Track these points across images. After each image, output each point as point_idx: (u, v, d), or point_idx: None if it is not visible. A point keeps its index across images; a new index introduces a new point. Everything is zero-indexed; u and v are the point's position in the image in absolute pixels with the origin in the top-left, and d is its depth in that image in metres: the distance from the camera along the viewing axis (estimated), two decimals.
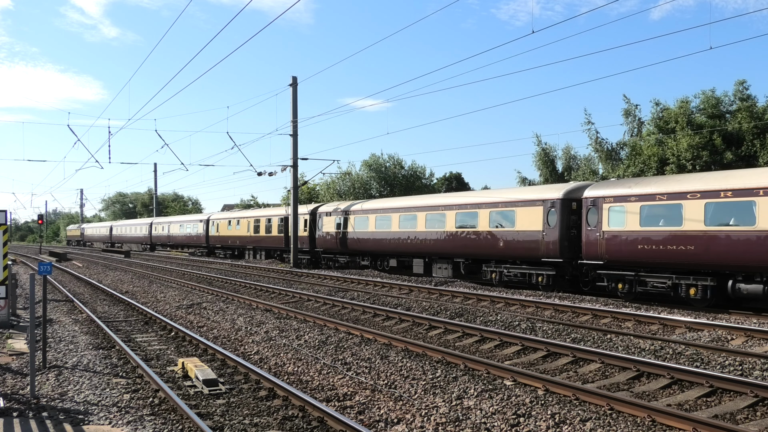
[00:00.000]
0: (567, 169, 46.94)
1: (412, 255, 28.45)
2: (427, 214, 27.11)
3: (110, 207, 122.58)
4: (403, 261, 29.53)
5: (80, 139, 37.32)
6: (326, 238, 35.37)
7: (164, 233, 66.13)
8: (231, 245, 50.07)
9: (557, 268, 21.57)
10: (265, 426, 8.07)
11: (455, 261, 25.90)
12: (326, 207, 36.48)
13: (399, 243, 28.94)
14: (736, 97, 37.07)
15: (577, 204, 21.14)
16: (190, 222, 59.45)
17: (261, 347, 13.06)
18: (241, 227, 47.31)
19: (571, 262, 21.24)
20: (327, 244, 35.43)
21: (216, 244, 52.81)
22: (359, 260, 32.98)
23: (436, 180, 62.64)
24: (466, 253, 25.27)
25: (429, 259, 27.49)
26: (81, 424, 8.21)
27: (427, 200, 28.43)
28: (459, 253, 25.57)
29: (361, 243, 31.99)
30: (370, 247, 31.27)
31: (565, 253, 21.16)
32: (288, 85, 37.23)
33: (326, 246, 35.46)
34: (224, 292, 22.98)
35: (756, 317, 15.69)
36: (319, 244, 36.21)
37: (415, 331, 14.93)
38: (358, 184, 56.94)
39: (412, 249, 28.16)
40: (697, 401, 8.86)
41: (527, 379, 9.79)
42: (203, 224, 55.00)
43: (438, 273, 26.80)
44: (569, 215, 21.24)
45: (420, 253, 27.82)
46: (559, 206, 21.34)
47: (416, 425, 7.89)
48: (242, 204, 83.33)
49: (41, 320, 12.95)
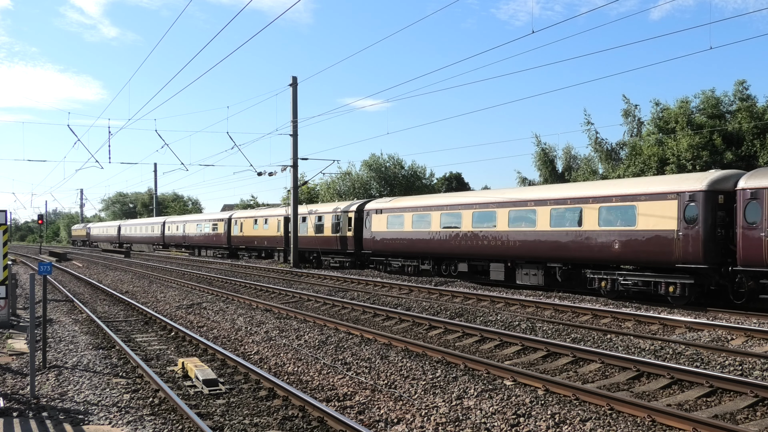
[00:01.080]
0: (567, 169, 46.92)
1: (489, 258, 24.50)
2: (510, 210, 23.30)
3: (110, 207, 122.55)
4: (476, 265, 25.65)
5: (80, 139, 37.35)
6: (376, 239, 30.95)
7: (179, 233, 61.85)
8: (258, 246, 45.72)
9: (697, 276, 17.72)
10: (265, 426, 8.07)
11: (548, 266, 22.09)
12: (377, 203, 32.19)
13: (471, 244, 24.99)
14: (736, 97, 37.06)
15: (725, 197, 17.60)
16: (209, 221, 54.99)
17: (261, 347, 13.06)
18: (271, 227, 42.92)
19: (719, 269, 17.54)
20: (377, 246, 30.90)
21: (239, 244, 48.75)
22: (419, 264, 28.78)
23: (436, 180, 62.65)
24: (563, 257, 21.29)
25: (511, 263, 23.56)
26: (81, 424, 8.21)
27: (508, 194, 24.43)
28: (554, 257, 21.59)
29: (420, 244, 27.77)
30: (433, 249, 27.11)
31: (710, 257, 17.38)
32: (288, 85, 37.25)
33: (376, 247, 31.01)
34: (224, 292, 22.99)
35: (756, 317, 15.69)
36: (367, 246, 31.72)
37: (415, 331, 14.93)
38: (358, 184, 56.95)
39: (488, 251, 24.28)
40: (697, 401, 8.86)
41: (527, 379, 9.79)
42: (224, 223, 50.90)
43: (524, 280, 22.90)
44: (715, 210, 17.58)
45: (500, 257, 23.85)
46: (702, 199, 17.54)
47: (416, 425, 7.89)
48: (242, 204, 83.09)
49: (41, 320, 12.96)
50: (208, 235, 54.30)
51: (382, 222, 30.57)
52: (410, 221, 28.51)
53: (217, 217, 54.13)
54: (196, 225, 57.47)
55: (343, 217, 34.31)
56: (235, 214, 50.79)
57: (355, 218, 33.27)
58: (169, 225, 65.17)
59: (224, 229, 50.76)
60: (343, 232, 34.34)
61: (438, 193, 35.93)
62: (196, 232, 57.18)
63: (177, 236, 62.25)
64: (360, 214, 33.08)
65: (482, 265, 25.24)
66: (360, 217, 33.01)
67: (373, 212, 31.43)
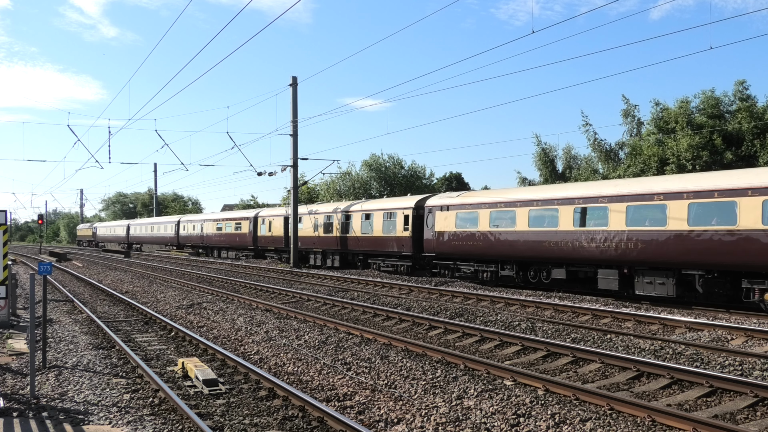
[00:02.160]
0: (567, 168, 46.95)
1: (596, 263, 20.36)
2: (629, 206, 19.30)
3: (110, 207, 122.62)
4: (577, 271, 21.49)
5: (80, 139, 37.37)
6: (441, 240, 26.67)
7: (196, 233, 57.44)
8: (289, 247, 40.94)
9: None
10: (265, 426, 8.07)
11: (683, 273, 18.12)
12: (441, 198, 27.91)
13: (572, 247, 20.72)
14: (736, 97, 37.11)
15: None
16: (231, 220, 50.81)
17: (261, 347, 13.06)
18: (306, 226, 38.51)
19: None
20: (443, 247, 26.64)
21: (267, 245, 44.82)
22: (498, 269, 24.39)
23: (436, 180, 62.68)
24: (709, 262, 17.38)
25: (629, 269, 19.54)
26: (81, 424, 8.21)
27: (627, 186, 20.04)
28: (693, 262, 17.67)
29: (501, 246, 23.65)
30: (519, 252, 22.95)
31: None
32: (288, 85, 37.26)
33: (441, 249, 26.79)
34: (224, 292, 22.99)
35: (756, 317, 15.69)
36: (429, 247, 27.55)
37: (415, 331, 14.93)
38: (358, 184, 56.99)
39: (596, 255, 20.04)
40: (697, 401, 8.86)
41: (527, 379, 9.79)
42: (249, 222, 46.70)
43: (646, 290, 18.89)
44: None
45: (612, 261, 19.69)
46: None
47: (416, 425, 7.89)
48: (242, 204, 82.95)
49: (41, 320, 12.96)
50: (230, 235, 50.20)
51: (449, 220, 26.32)
52: (486, 219, 24.30)
53: (240, 215, 50.21)
54: (216, 224, 53.38)
55: (398, 214, 30.09)
56: (262, 212, 46.99)
57: (413, 216, 29.10)
58: (184, 224, 61.07)
59: (249, 229, 46.79)
60: (396, 231, 30.11)
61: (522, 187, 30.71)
62: (216, 232, 53.08)
63: (194, 236, 58.24)
64: (419, 211, 28.93)
65: (586, 272, 21.12)
66: (419, 215, 28.85)
67: (436, 209, 27.13)
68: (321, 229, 36.77)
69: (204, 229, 55.57)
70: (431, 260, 28.12)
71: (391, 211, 30.83)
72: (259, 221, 45.67)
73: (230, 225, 50.40)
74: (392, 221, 30.44)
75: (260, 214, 46.11)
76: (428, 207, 28.02)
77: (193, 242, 58.59)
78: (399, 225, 29.88)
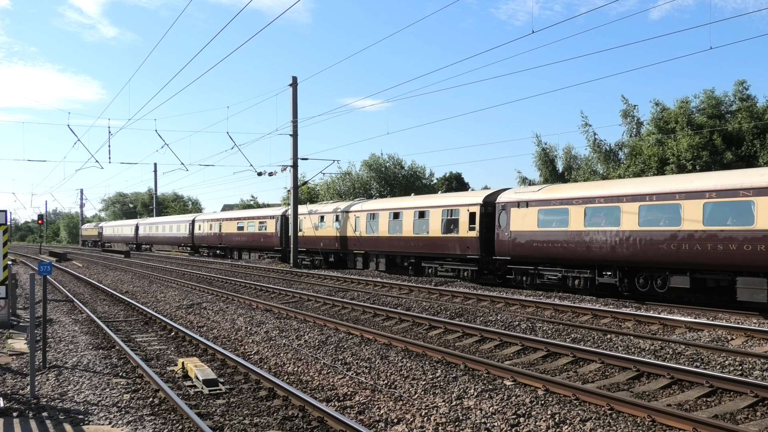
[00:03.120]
0: (567, 169, 46.94)
1: (734, 269, 16.96)
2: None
3: (110, 207, 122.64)
4: (704, 279, 17.98)
5: (80, 139, 37.36)
6: (518, 241, 23.04)
7: (213, 232, 53.13)
8: (326, 249, 36.98)
9: None
10: (265, 426, 8.07)
11: None
12: (517, 193, 24.19)
13: (700, 249, 17.43)
14: (736, 97, 37.09)
15: None
16: (254, 218, 46.34)
17: (261, 347, 13.06)
18: (345, 225, 34.80)
19: None
20: (520, 250, 23.03)
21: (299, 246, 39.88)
22: (594, 275, 20.67)
23: (436, 180, 62.72)
24: None
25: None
26: (81, 424, 8.21)
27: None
28: None
29: (599, 248, 20.05)
30: (623, 255, 19.41)
31: None
32: (288, 85, 37.27)
33: (518, 252, 23.20)
34: (224, 292, 22.99)
35: (756, 317, 15.69)
36: (502, 250, 23.85)
37: (415, 331, 14.93)
38: (358, 184, 57.01)
39: (736, 259, 16.71)
40: (697, 401, 8.86)
41: (527, 379, 9.79)
42: (276, 221, 42.74)
43: None
44: None
45: (758, 267, 16.34)
46: None
47: (416, 425, 7.89)
48: (242, 204, 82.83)
49: (41, 320, 12.96)
50: (254, 235, 45.95)
51: (529, 218, 22.66)
52: (580, 216, 20.74)
53: (266, 213, 45.74)
54: (237, 223, 49.11)
55: (461, 212, 26.33)
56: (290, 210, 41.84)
57: (480, 213, 25.38)
58: (200, 223, 56.53)
59: (276, 228, 42.58)
60: (459, 231, 26.20)
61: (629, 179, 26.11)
62: (237, 232, 48.90)
63: (211, 236, 53.78)
64: (489, 207, 25.26)
65: (718, 279, 17.70)
66: (489, 212, 25.23)
67: (512, 206, 23.50)
68: (362, 229, 32.82)
69: (222, 229, 51.44)
70: (504, 265, 24.18)
71: (453, 208, 26.83)
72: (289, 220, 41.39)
73: (253, 224, 46.12)
74: (454, 220, 26.56)
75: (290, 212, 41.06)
76: (501, 203, 24.17)
77: (210, 242, 54.47)
78: (463, 224, 26.06)
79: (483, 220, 25.34)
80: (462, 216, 26.27)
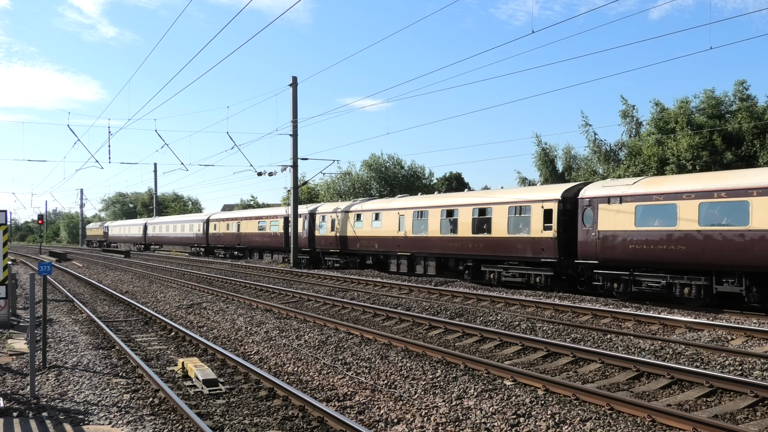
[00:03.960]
0: (567, 169, 46.95)
1: None
2: None
3: (110, 207, 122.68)
4: None
5: (80, 139, 37.35)
6: (609, 242, 19.72)
7: (231, 232, 49.70)
8: (362, 250, 33.54)
9: None
10: (265, 426, 8.07)
11: None
12: (606, 188, 20.48)
13: None
14: (736, 97, 37.09)
15: None
16: (278, 217, 42.76)
17: (261, 347, 13.06)
18: (387, 224, 31.20)
19: None
20: (612, 253, 19.67)
21: (327, 248, 37.04)
22: (711, 283, 17.49)
23: (436, 180, 62.75)
24: None
25: None
26: (81, 424, 8.21)
27: None
28: None
29: (718, 251, 17.06)
30: (752, 260, 16.44)
31: None
32: (288, 85, 37.27)
33: (608, 255, 19.76)
34: (224, 292, 22.99)
35: (756, 317, 15.69)
36: (587, 252, 20.41)
37: (415, 331, 14.93)
38: (358, 184, 57.04)
39: None
40: (697, 401, 8.86)
41: (527, 379, 9.79)
42: (304, 220, 39.08)
43: None
44: None
45: None
46: None
47: (416, 425, 7.89)
48: (242, 204, 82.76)
49: (41, 320, 12.96)
50: (276, 236, 42.52)
51: (624, 216, 19.46)
52: (692, 213, 17.69)
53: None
54: (258, 222, 45.43)
55: (533, 209, 22.85)
56: (320, 207, 38.73)
57: (558, 211, 21.92)
58: (215, 223, 52.95)
59: (304, 228, 39.07)
60: (531, 231, 22.83)
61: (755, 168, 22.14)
62: (258, 232, 45.26)
63: (228, 236, 50.34)
64: (569, 204, 21.89)
65: None
66: (569, 209, 21.83)
67: (600, 201, 20.21)
68: (409, 229, 29.45)
69: (241, 228, 47.82)
70: (589, 270, 20.83)
71: (522, 205, 23.47)
72: (318, 218, 37.88)
73: (276, 223, 42.59)
74: (524, 218, 23.15)
75: (319, 211, 38.11)
76: (585, 199, 20.81)
77: (227, 243, 50.75)
78: (535, 223, 22.64)
79: (562, 218, 21.87)
80: (534, 213, 22.82)
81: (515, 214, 23.68)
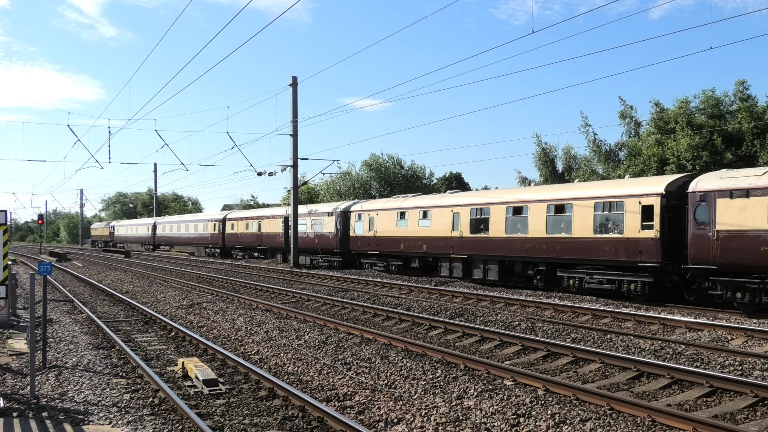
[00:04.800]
0: (567, 169, 46.96)
1: None
2: None
3: (110, 207, 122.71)
4: None
5: (80, 139, 37.33)
6: (730, 244, 16.79)
7: (250, 232, 46.77)
8: (407, 252, 30.18)
9: None
10: (265, 426, 8.07)
11: None
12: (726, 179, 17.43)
13: None
14: (736, 97, 37.09)
15: None
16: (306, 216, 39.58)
17: (261, 347, 13.06)
18: (437, 223, 27.97)
19: None
20: (735, 256, 16.70)
21: (362, 248, 33.77)
22: None
23: (436, 180, 62.77)
24: None
25: None
26: (81, 424, 8.21)
27: None
28: None
29: None
30: None
31: None
32: (288, 85, 37.26)
33: (730, 260, 16.84)
34: (224, 292, 22.99)
35: (756, 317, 15.68)
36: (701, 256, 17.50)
37: (415, 331, 14.93)
38: (358, 184, 57.04)
39: None
40: (697, 401, 8.86)
41: (527, 379, 9.79)
42: (336, 219, 35.94)
43: None
44: None
45: None
46: None
47: (416, 425, 7.89)
48: (242, 204, 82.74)
49: (41, 320, 12.96)
50: (305, 236, 39.24)
51: (754, 212, 16.35)
52: None
53: (321, 209, 38.86)
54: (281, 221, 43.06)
55: (626, 205, 19.88)
56: (356, 205, 35.62)
57: (662, 207, 18.95)
58: (233, 222, 49.85)
59: (335, 227, 36.00)
60: (624, 230, 19.81)
61: None
62: (282, 232, 42.69)
63: (248, 235, 47.27)
64: (675, 199, 18.95)
65: None
66: (674, 205, 18.89)
67: (719, 195, 17.15)
68: (466, 228, 26.22)
69: (263, 228, 45.10)
70: (703, 276, 17.70)
71: (612, 201, 20.46)
72: (353, 217, 34.63)
73: (304, 222, 39.30)
74: (615, 215, 20.29)
75: (354, 209, 34.96)
76: (698, 192, 17.75)
77: (247, 243, 47.71)
78: (630, 221, 19.67)
79: (665, 215, 18.89)
80: (629, 210, 19.79)
81: (603, 211, 20.77)
